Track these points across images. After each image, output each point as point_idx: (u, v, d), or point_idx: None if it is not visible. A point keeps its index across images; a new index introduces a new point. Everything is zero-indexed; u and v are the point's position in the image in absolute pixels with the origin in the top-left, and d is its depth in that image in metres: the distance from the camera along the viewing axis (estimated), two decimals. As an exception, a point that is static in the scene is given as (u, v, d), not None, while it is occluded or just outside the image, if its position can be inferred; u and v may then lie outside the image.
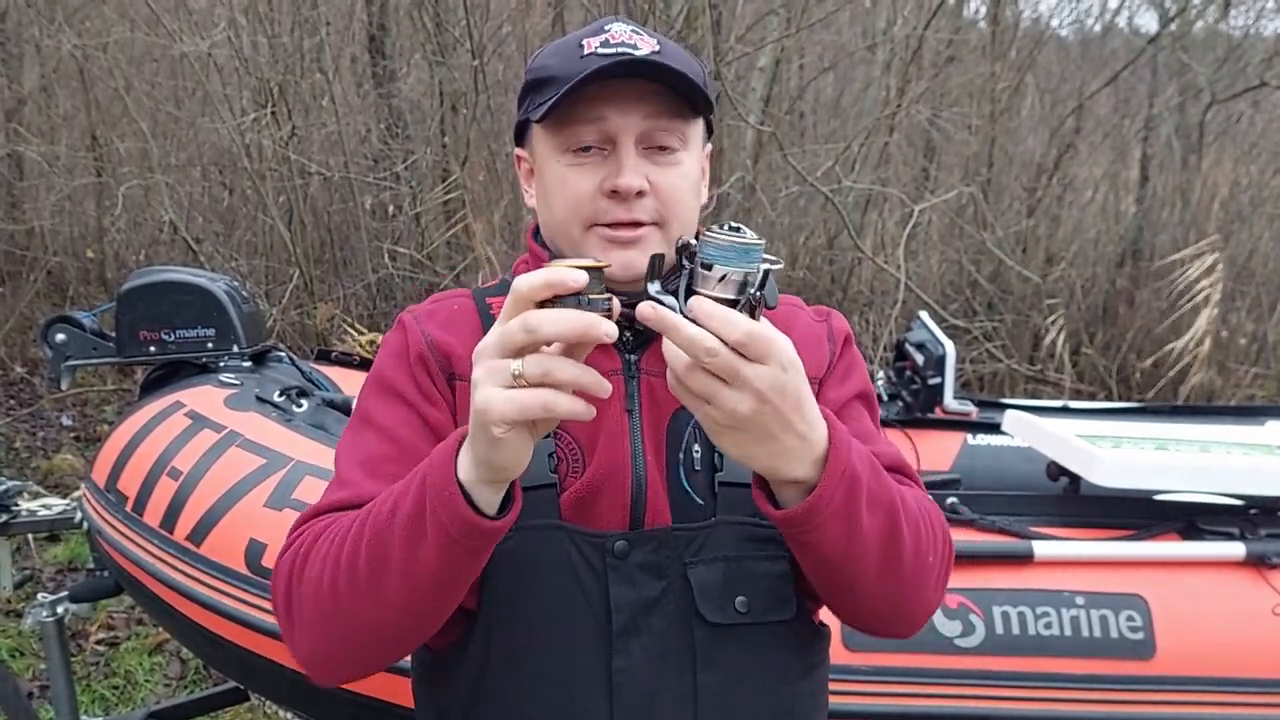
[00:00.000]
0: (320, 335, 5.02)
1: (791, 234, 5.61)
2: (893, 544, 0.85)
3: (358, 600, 0.83)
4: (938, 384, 2.81)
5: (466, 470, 0.78)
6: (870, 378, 1.09)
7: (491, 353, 0.74)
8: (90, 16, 6.10)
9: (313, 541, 0.88)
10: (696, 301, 0.74)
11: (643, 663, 0.92)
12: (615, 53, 0.90)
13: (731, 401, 0.73)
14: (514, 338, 0.73)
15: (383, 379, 0.99)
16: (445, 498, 0.77)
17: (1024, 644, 1.67)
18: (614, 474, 0.93)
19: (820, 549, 0.83)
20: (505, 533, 0.80)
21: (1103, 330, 5.93)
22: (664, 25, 4.32)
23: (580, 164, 0.93)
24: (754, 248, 0.76)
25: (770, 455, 0.77)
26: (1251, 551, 1.76)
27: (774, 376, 0.73)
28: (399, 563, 0.80)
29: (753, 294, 0.75)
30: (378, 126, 5.51)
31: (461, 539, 0.78)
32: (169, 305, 2.31)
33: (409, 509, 0.80)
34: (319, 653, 0.89)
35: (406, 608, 0.83)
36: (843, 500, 0.80)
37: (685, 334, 0.72)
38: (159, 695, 3.07)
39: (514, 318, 0.73)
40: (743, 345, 0.72)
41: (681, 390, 0.76)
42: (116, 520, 2.02)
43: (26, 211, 6.46)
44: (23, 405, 5.51)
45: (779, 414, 0.75)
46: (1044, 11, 15.69)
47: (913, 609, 0.94)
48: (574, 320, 0.72)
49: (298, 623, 0.88)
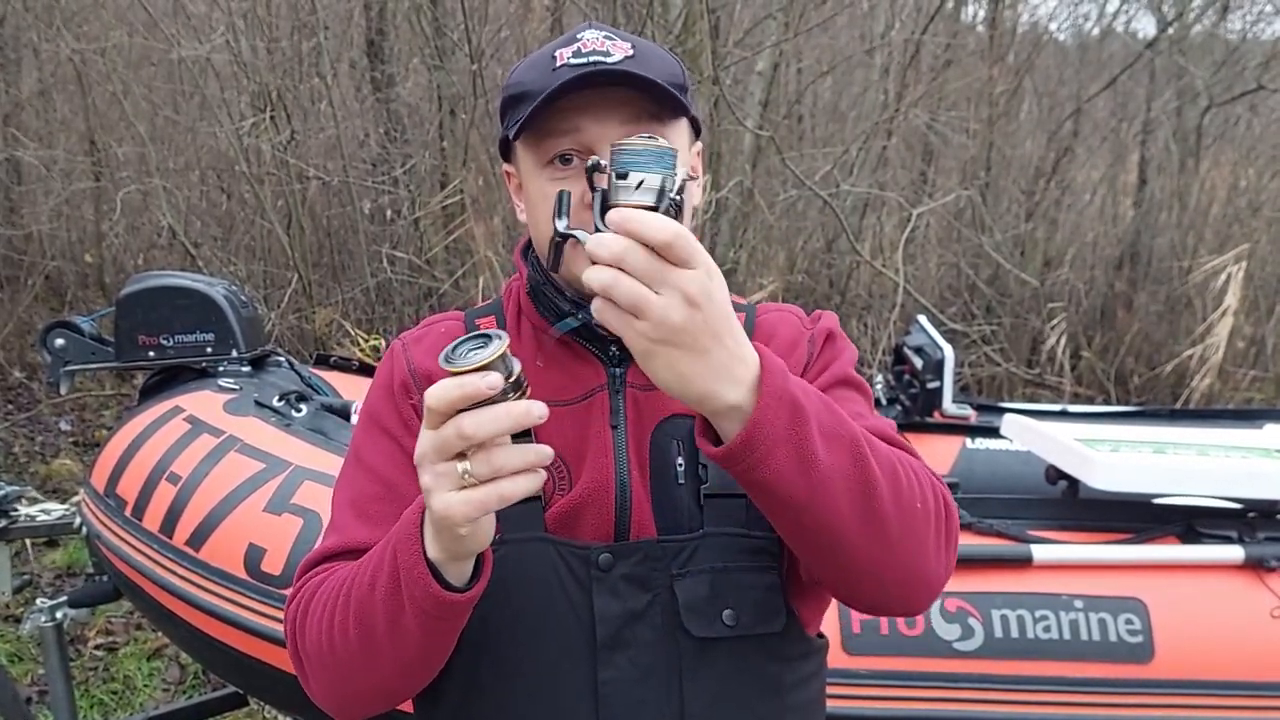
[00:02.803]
0: (319, 340, 5.02)
1: (790, 238, 5.62)
2: (865, 484, 0.79)
3: (354, 662, 0.87)
4: (936, 388, 2.82)
5: (435, 551, 0.79)
6: (868, 382, 1.08)
7: (433, 458, 0.74)
8: (88, 21, 6.09)
9: (309, 599, 0.91)
10: (615, 210, 0.72)
11: (629, 675, 0.91)
12: (586, 62, 0.89)
13: (661, 308, 0.70)
14: (452, 445, 0.73)
15: (370, 413, 1.02)
16: (415, 578, 0.79)
17: (1023, 647, 1.67)
18: (599, 489, 0.93)
19: (776, 489, 0.77)
20: (475, 600, 0.82)
21: (1101, 333, 5.94)
22: (662, 30, 4.33)
23: (561, 177, 0.92)
24: (668, 153, 0.74)
25: (705, 374, 0.73)
26: (1250, 555, 1.77)
27: (701, 280, 0.71)
28: (385, 635, 0.83)
29: (673, 199, 0.74)
30: (376, 131, 5.51)
31: (436, 613, 0.80)
32: (168, 310, 2.31)
33: (385, 585, 0.82)
34: (333, 700, 0.93)
35: (401, 666, 0.87)
36: (786, 426, 0.75)
37: (605, 243, 0.71)
38: (158, 700, 3.07)
39: (439, 425, 0.73)
40: (667, 247, 0.70)
41: (608, 310, 0.72)
42: (115, 525, 2.02)
43: (24, 216, 6.46)
44: (21, 410, 5.51)
45: (710, 322, 0.72)
46: (1042, 15, 15.72)
47: (913, 574, 0.86)
48: (505, 419, 0.72)
49: (309, 674, 0.92)
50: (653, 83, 0.89)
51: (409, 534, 0.81)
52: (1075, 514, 1.93)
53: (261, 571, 1.76)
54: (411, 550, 0.80)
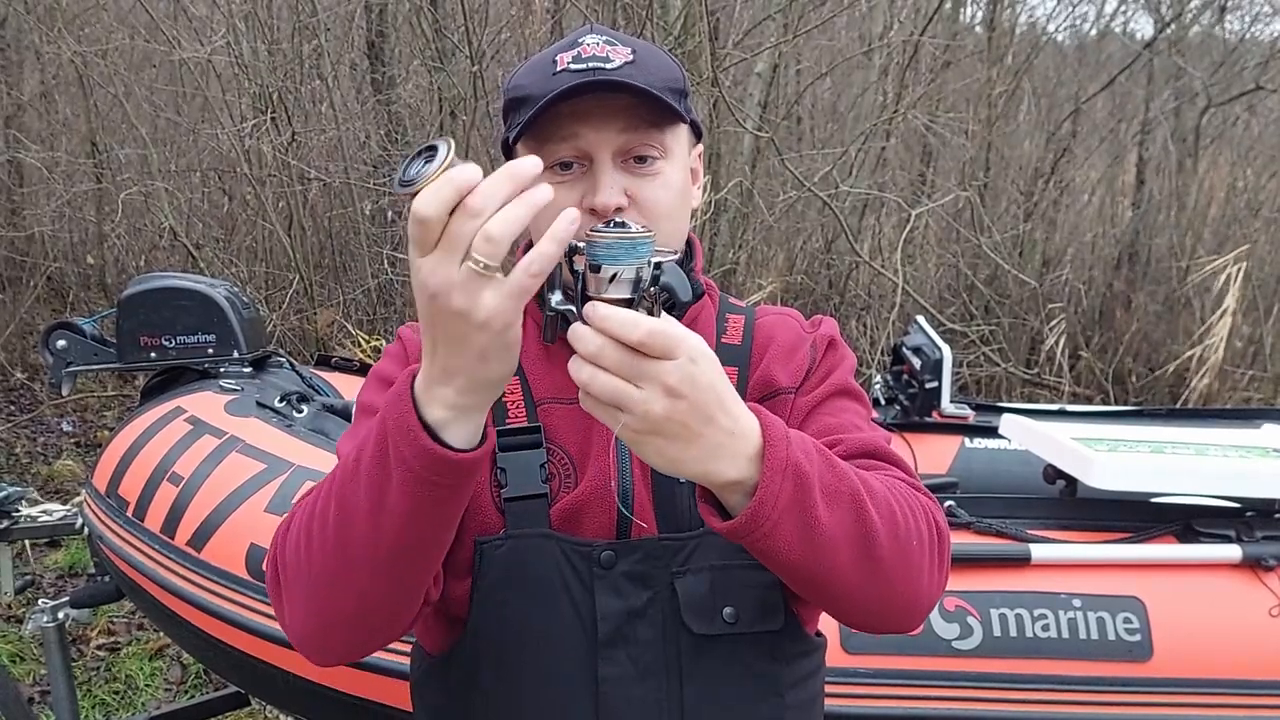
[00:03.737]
0: (321, 341, 5.03)
1: (789, 239, 5.63)
2: (864, 537, 0.79)
3: (329, 563, 0.79)
4: (935, 388, 2.82)
5: (437, 411, 0.73)
6: (867, 384, 1.09)
7: (446, 268, 0.67)
8: (90, 23, 6.10)
9: (293, 514, 0.86)
10: (590, 307, 0.70)
11: (629, 672, 0.92)
12: (586, 69, 0.90)
13: (643, 404, 0.69)
14: (464, 232, 0.66)
15: (381, 374, 1.01)
16: (405, 432, 0.73)
17: (1021, 646, 1.68)
18: (601, 486, 0.94)
19: (781, 556, 0.77)
20: (478, 465, 0.75)
21: (1099, 334, 5.94)
22: (661, 32, 4.34)
23: (561, 181, 0.92)
24: (642, 241, 0.73)
25: (699, 458, 0.72)
26: (1248, 554, 1.77)
27: (683, 369, 0.69)
28: (367, 515, 0.75)
29: (649, 290, 0.72)
30: (377, 132, 5.52)
31: (429, 474, 0.73)
32: (169, 311, 2.32)
33: (371, 455, 0.75)
34: (307, 630, 0.85)
35: (377, 565, 0.78)
36: (791, 497, 0.75)
37: (582, 338, 0.69)
38: (160, 700, 3.07)
39: (435, 237, 0.67)
40: (644, 344, 0.68)
41: (591, 403, 0.72)
42: (117, 525, 2.02)
43: (27, 217, 6.47)
44: (23, 411, 5.52)
45: (697, 408, 0.70)
46: (1040, 17, 15.73)
47: (908, 602, 0.87)
48: (508, 181, 0.66)
49: (285, 600, 0.85)
50: (649, 92, 0.89)
51: (397, 396, 0.75)
52: (1073, 513, 1.93)
53: (263, 572, 1.76)
54: (402, 410, 0.73)
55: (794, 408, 0.99)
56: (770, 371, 1.00)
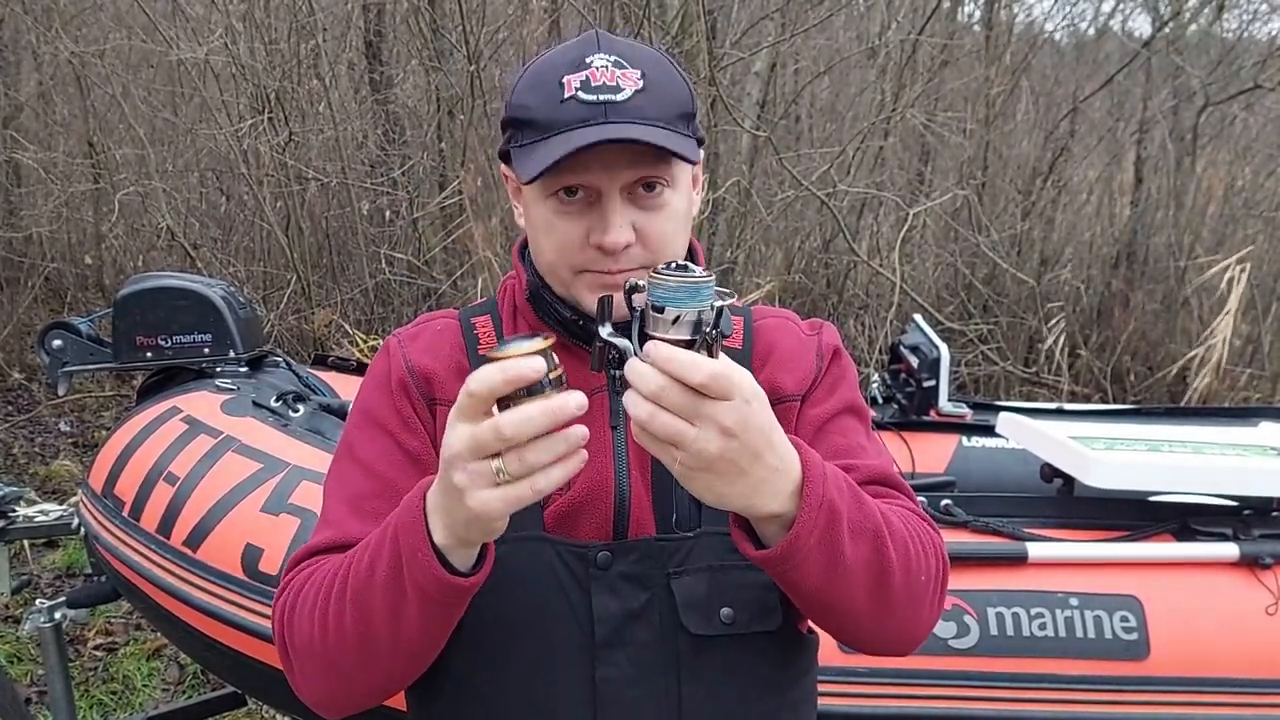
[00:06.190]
0: (318, 340, 5.03)
1: (787, 238, 5.63)
2: (881, 571, 0.84)
3: (348, 652, 0.86)
4: (932, 386, 2.82)
5: (443, 537, 0.78)
6: (865, 383, 1.09)
7: (466, 457, 0.73)
8: (87, 23, 6.11)
9: (299, 590, 0.91)
10: (653, 346, 0.73)
11: (627, 674, 0.92)
12: (596, 101, 0.88)
13: (699, 442, 0.72)
14: (488, 446, 0.72)
15: (365, 408, 1.01)
16: (420, 562, 0.78)
17: (1018, 645, 1.68)
18: (598, 488, 0.94)
19: (805, 584, 0.81)
20: (481, 585, 0.82)
21: (1098, 332, 5.94)
22: (659, 32, 4.34)
23: (566, 211, 0.92)
24: (704, 285, 0.75)
25: (744, 493, 0.76)
26: (1245, 552, 1.77)
27: (738, 411, 0.72)
28: (384, 622, 0.82)
29: (708, 332, 0.75)
30: (375, 132, 5.52)
31: (440, 598, 0.80)
32: (166, 311, 2.31)
33: (386, 571, 0.81)
34: (322, 694, 0.92)
35: (396, 655, 0.86)
36: (823, 533, 0.78)
37: (644, 377, 0.72)
38: (157, 700, 3.07)
39: (480, 421, 0.72)
40: (705, 387, 0.71)
41: (647, 438, 0.74)
42: (114, 525, 2.02)
43: (24, 218, 6.47)
44: (20, 411, 5.51)
45: (748, 448, 0.73)
46: (1038, 15, 15.74)
47: (907, 631, 0.92)
48: (544, 416, 0.71)
49: (296, 669, 0.91)
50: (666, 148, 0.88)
51: (412, 519, 0.80)
52: (1071, 512, 1.93)
53: (259, 571, 1.76)
54: (416, 534, 0.79)
55: (801, 418, 1.00)
56: (775, 378, 1.00)
